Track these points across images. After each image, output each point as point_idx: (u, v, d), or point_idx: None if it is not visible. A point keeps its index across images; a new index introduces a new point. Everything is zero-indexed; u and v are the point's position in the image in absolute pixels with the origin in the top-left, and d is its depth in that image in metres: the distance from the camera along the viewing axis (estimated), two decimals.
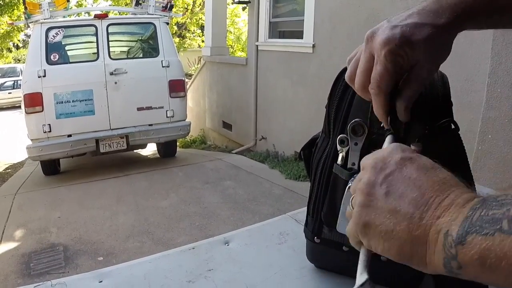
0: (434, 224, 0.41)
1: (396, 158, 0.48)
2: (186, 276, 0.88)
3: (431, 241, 0.41)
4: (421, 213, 0.42)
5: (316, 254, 0.88)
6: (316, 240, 0.85)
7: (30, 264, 3.84)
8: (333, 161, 0.80)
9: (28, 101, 6.04)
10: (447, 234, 0.39)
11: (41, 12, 6.33)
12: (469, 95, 3.56)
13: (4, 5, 19.12)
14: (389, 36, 0.55)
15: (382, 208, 0.46)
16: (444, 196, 0.42)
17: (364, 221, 0.47)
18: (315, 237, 0.85)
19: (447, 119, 0.70)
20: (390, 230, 0.44)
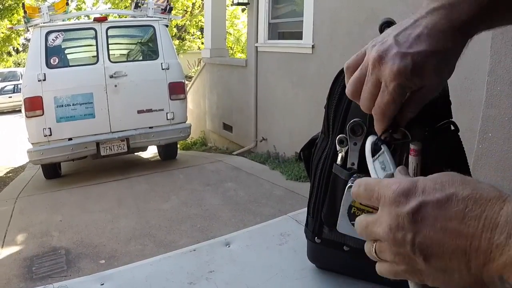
0: (485, 272, 0.39)
1: (417, 209, 0.43)
2: (188, 278, 0.88)
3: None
4: (467, 262, 0.40)
5: (317, 254, 0.88)
6: (316, 240, 0.85)
7: (32, 268, 3.84)
8: (332, 161, 0.80)
9: (28, 105, 6.04)
10: (502, 278, 0.37)
11: (40, 16, 6.33)
12: (469, 94, 3.57)
13: (4, 9, 19.13)
14: (400, 68, 0.53)
15: (426, 271, 0.43)
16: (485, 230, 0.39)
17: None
18: (315, 237, 0.85)
19: (447, 121, 0.70)
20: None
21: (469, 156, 0.79)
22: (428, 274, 0.43)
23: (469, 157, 0.79)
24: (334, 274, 0.86)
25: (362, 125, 0.74)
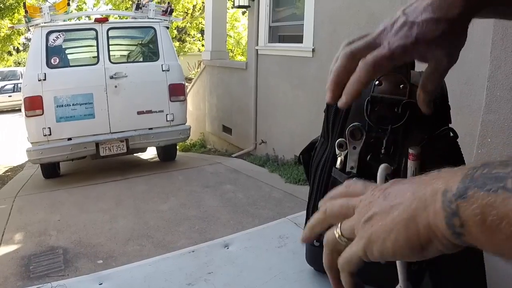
0: (430, 189, 0.41)
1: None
2: (186, 279, 0.88)
3: (430, 204, 0.40)
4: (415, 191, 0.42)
5: (316, 257, 0.88)
6: (315, 243, 0.85)
7: (29, 267, 3.84)
8: (331, 164, 0.80)
9: (28, 105, 6.04)
10: (446, 191, 0.38)
11: (41, 15, 6.34)
12: (469, 99, 3.57)
13: (5, 8, 19.15)
14: (406, 33, 0.55)
15: (382, 207, 0.45)
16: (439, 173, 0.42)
17: (368, 235, 0.46)
18: (314, 241, 0.85)
19: (446, 127, 0.70)
20: (392, 218, 0.43)
21: (468, 161, 0.79)
22: (381, 214, 0.45)
23: (468, 162, 0.79)
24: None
25: (361, 129, 0.74)
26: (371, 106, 0.74)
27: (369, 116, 0.74)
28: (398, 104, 0.71)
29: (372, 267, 0.56)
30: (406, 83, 0.72)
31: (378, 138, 0.73)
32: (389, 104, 0.73)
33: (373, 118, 0.74)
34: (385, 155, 0.73)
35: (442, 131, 0.70)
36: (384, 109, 0.73)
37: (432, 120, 0.70)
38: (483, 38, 3.17)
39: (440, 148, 0.69)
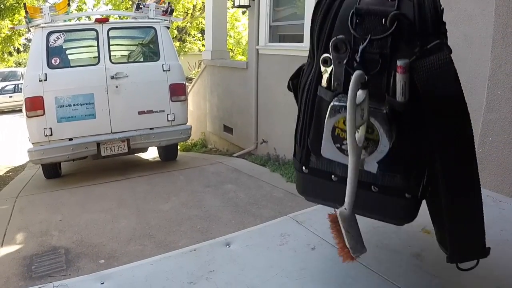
0: None
1: None
2: (188, 278, 0.88)
3: None
4: None
5: (305, 185, 0.85)
6: (304, 170, 0.82)
7: (31, 267, 3.84)
8: (317, 83, 0.76)
9: (29, 105, 6.04)
10: None
11: (42, 16, 6.34)
12: (469, 98, 3.56)
13: (5, 9, 19.15)
14: None
15: None
16: None
17: None
18: (303, 167, 0.82)
19: (438, 41, 0.67)
20: None
21: None
22: None
23: None
24: (334, 275, 0.86)
25: (345, 42, 0.71)
26: (357, 19, 0.71)
27: (354, 28, 0.71)
28: (386, 16, 0.68)
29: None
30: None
31: (368, 52, 0.69)
32: (376, 16, 0.69)
33: (359, 30, 0.70)
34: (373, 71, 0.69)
35: (434, 45, 0.67)
36: (371, 22, 0.70)
37: (423, 32, 0.67)
38: (483, 37, 3.17)
39: (431, 63, 0.66)
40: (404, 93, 0.65)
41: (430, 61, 0.65)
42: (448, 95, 0.65)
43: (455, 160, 0.67)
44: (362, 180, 0.71)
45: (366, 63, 0.68)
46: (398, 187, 0.71)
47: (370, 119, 0.67)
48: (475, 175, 0.68)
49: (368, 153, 0.68)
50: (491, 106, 2.26)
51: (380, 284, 0.88)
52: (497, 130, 2.24)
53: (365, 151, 0.68)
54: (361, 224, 0.70)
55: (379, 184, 0.72)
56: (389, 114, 0.66)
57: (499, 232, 1.05)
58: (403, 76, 0.64)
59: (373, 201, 0.73)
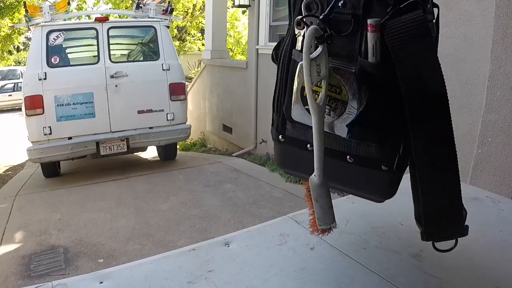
0: None
1: None
2: (187, 277, 0.88)
3: None
4: None
5: (283, 156, 0.84)
6: (281, 138, 0.80)
7: (30, 266, 3.84)
8: (292, 47, 0.75)
9: (28, 104, 6.04)
10: None
11: (42, 15, 6.34)
12: (469, 98, 3.57)
13: (5, 7, 19.16)
14: None
15: None
16: None
17: None
18: (279, 136, 0.81)
19: (411, 1, 0.65)
20: None
21: (468, 161, 0.79)
22: None
23: (468, 162, 0.79)
24: (334, 274, 0.86)
25: (317, 2, 0.70)
26: None
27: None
28: None
29: None
30: None
31: (339, 13, 0.68)
32: None
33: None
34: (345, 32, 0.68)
35: (408, 4, 0.65)
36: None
37: None
38: (483, 37, 3.17)
39: (402, 22, 0.64)
40: (375, 53, 0.64)
41: (402, 20, 0.64)
42: (417, 53, 0.63)
43: (427, 124, 0.65)
44: (338, 150, 0.71)
45: (339, 24, 0.68)
46: (373, 157, 0.70)
47: (337, 78, 0.65)
48: (451, 144, 0.65)
49: (337, 115, 0.67)
50: (490, 106, 2.26)
51: (379, 284, 0.88)
52: (497, 131, 2.24)
53: (334, 113, 0.67)
54: (361, 224, 0.70)
55: (354, 154, 0.71)
56: (359, 75, 0.65)
57: (498, 233, 1.05)
58: (373, 35, 0.63)
59: (350, 174, 0.72)
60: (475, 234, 1.05)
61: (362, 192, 0.75)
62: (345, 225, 1.11)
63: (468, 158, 2.25)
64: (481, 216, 1.16)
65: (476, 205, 1.23)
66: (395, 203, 1.14)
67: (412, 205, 0.79)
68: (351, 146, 0.70)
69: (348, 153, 0.71)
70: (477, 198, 1.27)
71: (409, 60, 0.63)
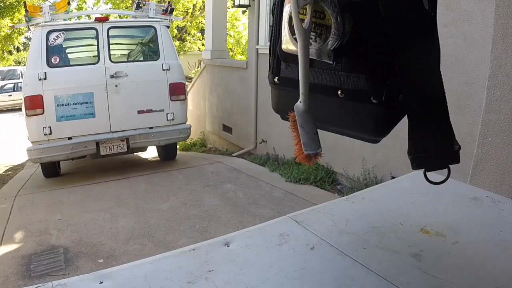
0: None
1: None
2: (187, 277, 0.88)
3: None
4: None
5: (279, 99, 0.85)
6: (276, 80, 0.82)
7: (30, 266, 3.84)
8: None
9: (28, 104, 6.04)
10: None
11: (42, 15, 6.34)
12: (469, 98, 3.57)
13: (5, 7, 19.15)
14: None
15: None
16: None
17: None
18: (275, 78, 0.82)
19: None
20: None
21: (468, 160, 0.79)
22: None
23: (468, 162, 0.79)
24: (334, 274, 0.86)
25: None
26: None
27: None
28: None
29: None
30: None
31: None
32: None
33: None
34: None
35: None
36: None
37: None
38: (483, 37, 3.17)
39: None
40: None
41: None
42: None
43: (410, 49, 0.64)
44: (329, 85, 0.71)
45: None
46: (363, 89, 0.69)
47: (320, 3, 0.66)
48: (435, 71, 0.64)
49: (323, 40, 0.67)
50: (490, 106, 2.26)
51: (378, 284, 0.88)
52: (497, 130, 2.24)
53: (320, 39, 0.67)
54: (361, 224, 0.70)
55: (345, 88, 0.70)
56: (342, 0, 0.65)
57: (498, 232, 1.05)
58: None
59: (342, 111, 0.72)
60: (475, 234, 1.05)
61: (355, 130, 0.74)
62: (345, 225, 1.11)
63: (468, 158, 2.25)
64: (481, 216, 1.16)
65: (476, 205, 1.23)
66: (395, 203, 1.14)
67: (412, 205, 0.79)
68: (342, 80, 0.70)
69: (339, 87, 0.71)
70: (477, 198, 1.27)
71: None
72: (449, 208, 1.19)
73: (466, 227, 1.08)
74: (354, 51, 0.67)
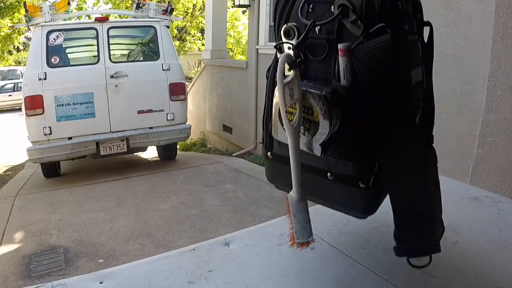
0: None
1: None
2: (187, 277, 0.88)
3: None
4: None
5: (272, 172, 0.88)
6: (269, 155, 0.85)
7: (30, 266, 3.84)
8: (274, 70, 0.79)
9: (28, 104, 6.04)
10: None
11: (42, 15, 6.34)
12: (469, 98, 3.57)
13: (5, 7, 19.17)
14: None
15: None
16: None
17: None
18: (268, 153, 0.86)
19: (381, 25, 0.67)
20: None
21: (468, 160, 0.79)
22: None
23: (468, 161, 0.79)
24: (334, 275, 0.86)
25: (294, 28, 0.73)
26: (309, 7, 0.75)
27: (306, 16, 0.74)
28: (334, 2, 0.71)
29: None
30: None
31: (315, 38, 0.72)
32: (325, 3, 0.73)
33: (310, 18, 0.73)
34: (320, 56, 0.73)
35: (377, 29, 0.67)
36: (321, 9, 0.73)
37: (368, 17, 0.68)
38: (483, 37, 3.17)
39: (369, 47, 0.66)
40: (346, 76, 0.67)
41: (369, 44, 0.66)
42: (383, 78, 0.65)
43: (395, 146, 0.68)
44: (319, 167, 0.74)
45: (315, 48, 0.72)
46: (351, 175, 0.72)
47: (309, 100, 0.69)
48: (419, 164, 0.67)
49: (311, 135, 0.70)
50: (490, 106, 2.26)
51: (379, 284, 0.88)
52: (497, 130, 2.24)
53: (308, 133, 0.70)
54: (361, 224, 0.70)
55: (334, 171, 0.74)
56: (329, 97, 0.68)
57: (498, 232, 1.05)
58: (344, 59, 0.67)
59: (331, 190, 0.75)
60: (475, 234, 1.05)
61: (343, 208, 0.78)
62: (345, 225, 1.11)
63: (468, 158, 2.25)
64: (481, 216, 1.16)
65: (476, 205, 1.23)
66: None
67: None
68: (331, 164, 0.73)
69: (328, 171, 0.74)
70: (477, 198, 1.27)
71: (374, 84, 0.66)
72: (449, 208, 1.19)
73: (466, 227, 1.08)
74: (342, 142, 0.71)
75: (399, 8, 0.72)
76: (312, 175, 0.74)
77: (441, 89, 3.74)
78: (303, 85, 0.70)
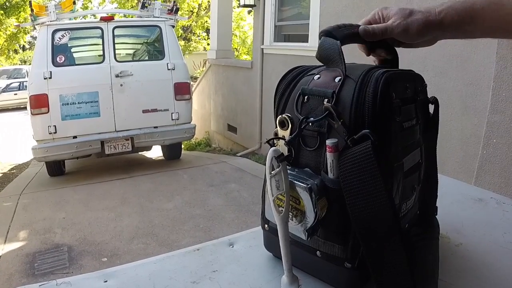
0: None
1: None
2: (191, 277, 0.88)
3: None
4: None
5: (270, 242, 0.91)
6: (266, 227, 0.89)
7: (34, 264, 3.86)
8: None
9: (34, 103, 6.07)
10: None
11: (47, 14, 6.36)
12: (474, 99, 3.56)
13: (11, 7, 19.27)
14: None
15: None
16: None
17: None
18: (265, 225, 0.89)
19: (364, 132, 0.68)
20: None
21: (473, 162, 0.80)
22: None
23: (473, 163, 0.79)
24: None
25: (287, 120, 0.76)
26: (302, 99, 0.77)
27: (300, 108, 0.77)
28: (326, 97, 0.73)
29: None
30: (342, 75, 0.74)
31: (308, 130, 0.75)
32: (318, 96, 0.75)
33: (304, 109, 0.76)
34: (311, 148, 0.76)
35: (361, 135, 0.68)
36: (315, 102, 0.76)
37: (355, 122, 0.70)
38: (489, 38, 3.16)
39: (351, 154, 0.68)
40: (332, 170, 0.70)
41: (352, 152, 0.68)
42: (363, 184, 0.67)
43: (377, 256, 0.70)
44: (309, 246, 0.78)
45: (306, 139, 0.76)
46: (337, 256, 0.76)
47: (296, 190, 0.72)
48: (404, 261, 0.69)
49: (298, 221, 0.74)
50: (495, 107, 2.26)
51: None
52: (502, 131, 2.23)
53: (296, 219, 0.74)
54: None
55: (322, 250, 0.78)
56: (316, 189, 0.71)
57: (502, 234, 1.05)
58: (330, 154, 0.70)
59: (319, 266, 0.79)
60: (479, 236, 1.04)
61: (331, 282, 0.81)
62: None
63: (473, 159, 2.24)
64: (485, 218, 1.16)
65: (481, 206, 1.23)
66: None
67: None
68: (319, 244, 0.77)
69: (317, 249, 0.78)
70: (481, 199, 1.27)
71: (354, 190, 0.68)
72: (453, 209, 1.19)
73: (470, 228, 1.07)
74: (327, 227, 0.74)
75: (391, 106, 0.74)
76: (303, 251, 0.79)
77: (446, 90, 3.73)
78: (291, 175, 0.73)
